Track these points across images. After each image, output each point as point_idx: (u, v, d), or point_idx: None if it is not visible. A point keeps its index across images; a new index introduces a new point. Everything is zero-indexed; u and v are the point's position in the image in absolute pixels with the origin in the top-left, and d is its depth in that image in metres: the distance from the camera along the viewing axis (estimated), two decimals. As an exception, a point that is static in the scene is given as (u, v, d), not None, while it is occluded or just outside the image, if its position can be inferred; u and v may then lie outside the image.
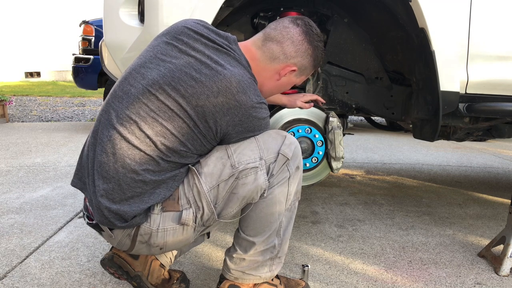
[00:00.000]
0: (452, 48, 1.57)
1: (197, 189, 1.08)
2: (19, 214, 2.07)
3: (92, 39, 4.84)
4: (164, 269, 1.30)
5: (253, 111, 1.07)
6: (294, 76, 1.24)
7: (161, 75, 1.04)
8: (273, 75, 1.21)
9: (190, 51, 1.08)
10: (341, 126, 1.57)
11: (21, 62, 13.69)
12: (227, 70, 1.05)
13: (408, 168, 3.43)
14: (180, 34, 1.11)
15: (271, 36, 1.18)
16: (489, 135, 2.15)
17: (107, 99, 1.11)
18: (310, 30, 1.20)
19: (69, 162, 3.26)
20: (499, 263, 1.57)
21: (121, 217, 1.05)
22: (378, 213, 2.23)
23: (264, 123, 1.13)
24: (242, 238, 1.19)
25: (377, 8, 1.67)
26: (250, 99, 1.05)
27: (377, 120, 4.31)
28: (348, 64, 1.83)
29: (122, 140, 1.03)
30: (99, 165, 1.04)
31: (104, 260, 1.24)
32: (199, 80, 1.02)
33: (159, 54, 1.09)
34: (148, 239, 1.09)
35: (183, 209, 1.08)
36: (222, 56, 1.08)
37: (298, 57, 1.19)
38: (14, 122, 5.85)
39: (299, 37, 1.18)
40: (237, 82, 1.04)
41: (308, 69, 1.25)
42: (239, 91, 1.04)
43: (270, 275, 1.23)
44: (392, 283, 1.47)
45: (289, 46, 1.17)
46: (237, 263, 1.20)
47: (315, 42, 1.21)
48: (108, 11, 1.62)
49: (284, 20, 1.21)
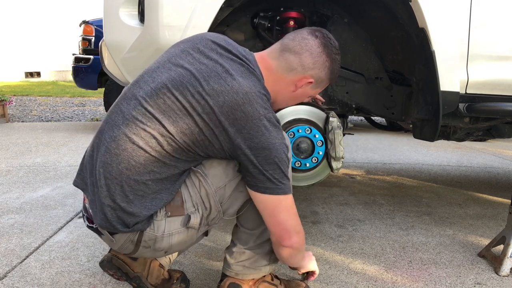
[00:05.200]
0: (452, 48, 1.57)
1: (205, 190, 1.09)
2: (19, 214, 2.07)
3: (92, 39, 4.84)
4: (164, 269, 1.30)
5: (261, 124, 1.02)
6: (310, 88, 1.22)
7: (170, 79, 1.05)
8: (288, 86, 1.18)
9: (204, 59, 1.07)
10: (341, 126, 1.57)
11: (21, 62, 13.68)
12: (236, 81, 1.03)
13: (408, 168, 3.42)
14: (198, 42, 1.12)
15: (289, 47, 1.16)
16: (489, 135, 2.15)
17: (117, 100, 1.11)
18: (329, 43, 1.18)
19: (69, 162, 3.26)
20: (499, 263, 1.57)
21: (123, 221, 1.05)
22: (378, 213, 2.23)
23: (278, 140, 1.04)
24: (241, 231, 1.21)
25: (377, 8, 1.67)
26: (256, 111, 1.02)
27: (377, 120, 4.30)
28: (348, 64, 1.83)
29: (127, 141, 1.03)
30: (102, 165, 1.04)
31: (103, 262, 1.24)
32: (207, 88, 1.02)
33: (172, 59, 1.10)
34: (153, 244, 1.09)
35: (189, 212, 1.09)
36: (235, 66, 1.07)
37: (316, 69, 1.17)
38: (14, 122, 5.85)
39: (317, 49, 1.15)
40: (244, 93, 1.02)
41: (324, 82, 1.22)
42: (245, 102, 1.02)
43: (269, 269, 1.25)
44: (392, 283, 1.47)
45: (308, 58, 1.15)
46: (237, 258, 1.22)
47: (333, 55, 1.18)
48: (108, 11, 1.62)
49: (303, 32, 1.18)
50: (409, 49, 1.71)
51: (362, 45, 1.82)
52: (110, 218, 1.04)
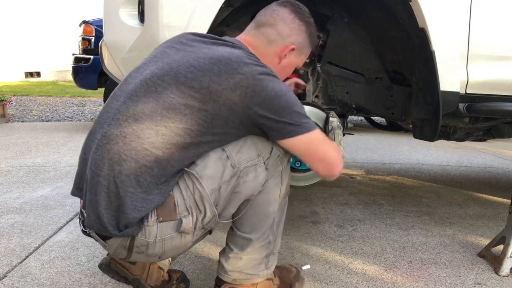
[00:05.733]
0: (452, 48, 1.57)
1: (200, 193, 1.04)
2: (19, 214, 2.07)
3: (92, 39, 4.84)
4: (163, 271, 1.29)
5: (264, 78, 1.03)
6: (294, 57, 1.24)
7: (159, 68, 1.05)
8: (273, 58, 1.21)
9: (188, 47, 1.10)
10: (341, 126, 1.57)
11: (21, 62, 13.68)
12: (225, 50, 1.06)
13: (408, 168, 3.42)
14: (180, 37, 1.16)
15: (263, 21, 1.21)
16: (489, 135, 2.15)
17: (106, 102, 1.11)
18: (298, 8, 1.22)
19: (69, 162, 3.26)
20: (499, 263, 1.57)
21: (114, 221, 1.01)
22: (378, 213, 2.23)
23: (283, 86, 1.05)
24: (238, 236, 1.18)
25: (377, 8, 1.67)
26: (254, 69, 1.03)
27: (377, 120, 4.30)
28: (348, 64, 1.83)
29: (117, 137, 1.00)
30: (94, 162, 1.01)
31: (101, 265, 1.21)
32: (198, 64, 1.02)
33: (158, 55, 1.11)
34: (145, 250, 1.06)
35: (181, 217, 1.04)
36: (221, 45, 1.10)
37: (294, 35, 1.21)
38: (14, 122, 5.85)
39: (289, 16, 1.20)
40: (236, 57, 1.04)
41: (306, 47, 1.26)
42: (240, 64, 1.02)
43: (267, 273, 1.23)
44: (392, 283, 1.47)
45: (283, 26, 1.19)
46: (233, 264, 1.19)
47: (306, 18, 1.23)
48: (108, 11, 1.62)
49: (271, 5, 1.23)
50: (409, 49, 1.71)
51: (362, 45, 1.82)
52: (102, 217, 1.00)
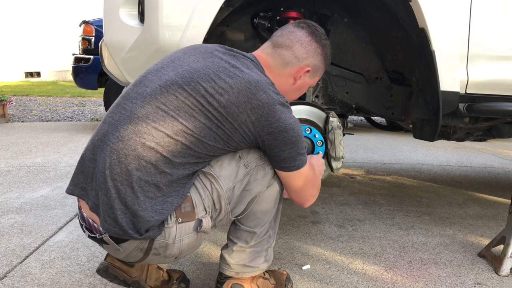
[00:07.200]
0: (452, 48, 1.57)
1: (218, 193, 1.08)
2: (19, 214, 2.07)
3: (92, 39, 4.84)
4: (163, 271, 1.29)
5: (278, 109, 1.06)
6: (309, 78, 1.27)
7: (179, 75, 1.05)
8: (287, 79, 1.23)
9: (208, 57, 1.10)
10: (341, 126, 1.57)
11: (21, 62, 13.68)
12: (244, 72, 1.07)
13: (408, 168, 3.42)
14: (197, 47, 1.16)
15: (279, 42, 1.21)
16: (489, 135, 2.15)
17: (116, 101, 1.09)
18: (315, 30, 1.23)
19: (69, 162, 3.26)
20: (499, 263, 1.57)
21: (134, 226, 1.00)
22: (378, 213, 2.23)
23: (293, 120, 1.10)
24: (242, 230, 1.21)
25: (377, 8, 1.67)
26: (271, 97, 1.06)
27: (377, 120, 4.30)
28: (348, 64, 1.83)
29: (136, 141, 0.99)
30: (109, 166, 1.00)
31: (100, 271, 1.19)
32: (218, 81, 1.03)
33: (176, 60, 1.11)
34: (163, 252, 1.07)
35: (200, 217, 1.07)
36: (239, 61, 1.11)
37: (310, 57, 1.22)
38: (14, 122, 5.85)
39: (306, 38, 1.21)
40: (256, 82, 1.06)
41: (321, 68, 1.28)
42: (259, 90, 1.05)
43: (266, 266, 1.27)
44: (392, 283, 1.48)
45: (299, 49, 1.20)
46: (236, 257, 1.22)
47: (322, 41, 1.24)
48: (108, 11, 1.62)
49: (288, 26, 1.24)
50: (409, 49, 1.71)
51: (362, 45, 1.82)
52: (121, 222, 0.99)
